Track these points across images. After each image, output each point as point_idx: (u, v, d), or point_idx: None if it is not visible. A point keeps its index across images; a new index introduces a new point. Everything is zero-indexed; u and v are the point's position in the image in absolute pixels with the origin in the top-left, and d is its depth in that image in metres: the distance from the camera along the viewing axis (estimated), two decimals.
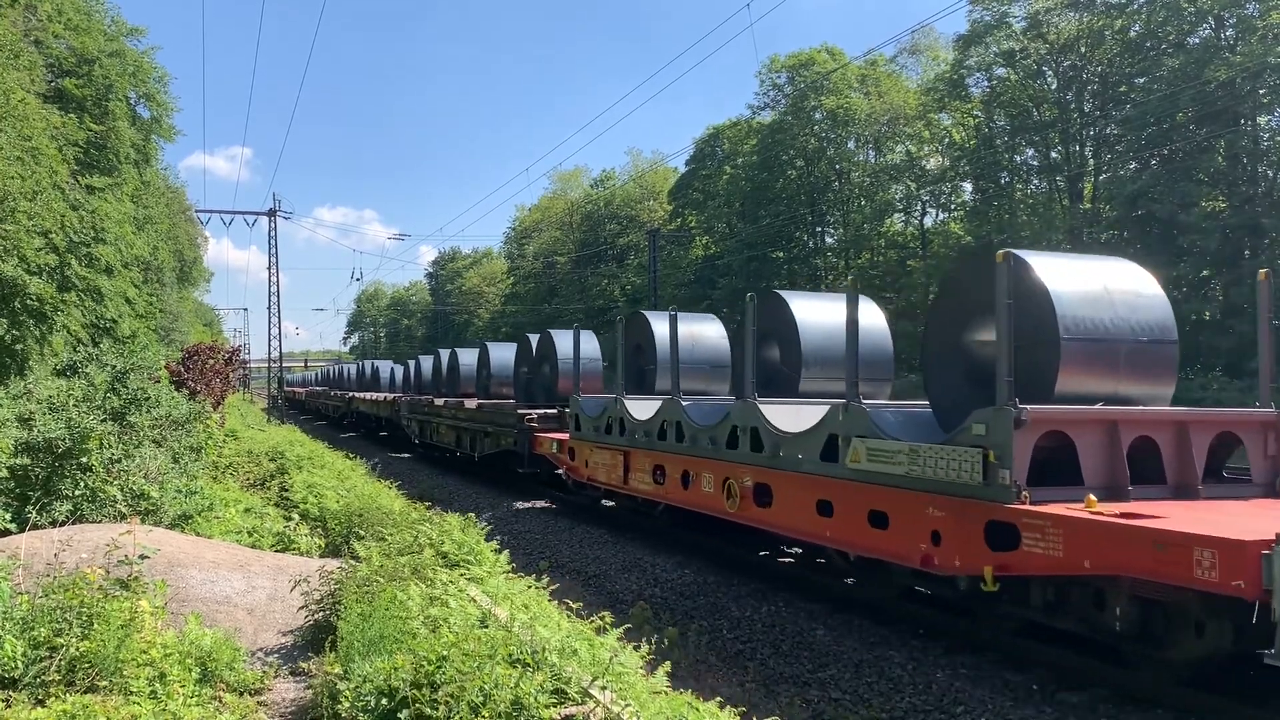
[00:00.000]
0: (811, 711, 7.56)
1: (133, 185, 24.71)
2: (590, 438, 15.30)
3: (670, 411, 12.67)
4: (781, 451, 10.04)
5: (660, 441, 12.87)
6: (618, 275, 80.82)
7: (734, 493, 10.77)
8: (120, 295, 22.15)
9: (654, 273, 54.13)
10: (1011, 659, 7.96)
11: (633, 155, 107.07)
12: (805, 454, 9.65)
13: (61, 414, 10.49)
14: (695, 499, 11.84)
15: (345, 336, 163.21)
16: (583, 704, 4.61)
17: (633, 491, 13.88)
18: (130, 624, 5.84)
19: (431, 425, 26.05)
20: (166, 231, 33.78)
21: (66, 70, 22.16)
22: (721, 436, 11.21)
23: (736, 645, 9.32)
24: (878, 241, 58.77)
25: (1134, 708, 6.84)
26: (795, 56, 63.22)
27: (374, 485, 15.84)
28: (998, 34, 47.77)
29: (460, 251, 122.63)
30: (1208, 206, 37.78)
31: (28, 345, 18.04)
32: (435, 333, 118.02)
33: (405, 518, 9.81)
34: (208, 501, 11.68)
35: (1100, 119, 45.17)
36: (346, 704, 4.97)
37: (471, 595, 6.72)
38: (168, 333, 36.29)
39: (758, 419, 10.52)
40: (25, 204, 16.50)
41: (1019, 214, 46.75)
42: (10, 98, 17.04)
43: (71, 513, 9.42)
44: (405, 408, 29.37)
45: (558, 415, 18.05)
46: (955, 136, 54.28)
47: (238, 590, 7.90)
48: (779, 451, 10.07)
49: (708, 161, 71.09)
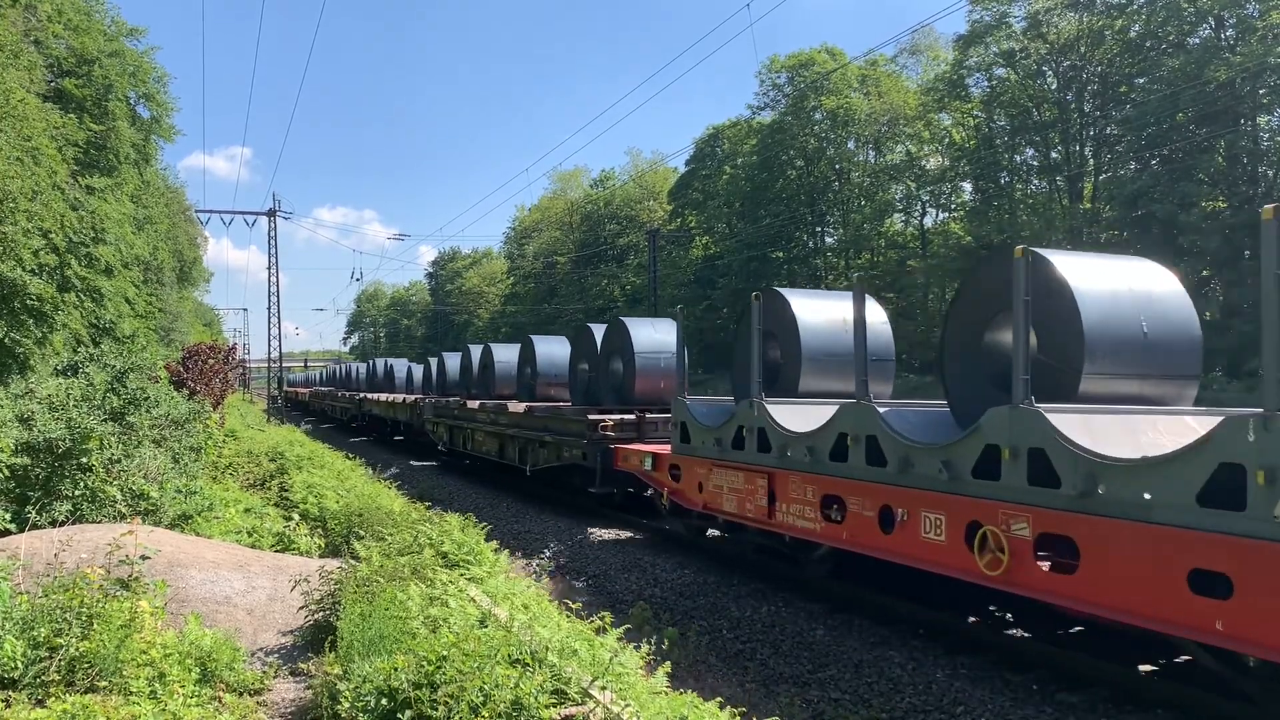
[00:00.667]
0: (811, 711, 7.57)
1: (132, 185, 24.71)
2: (708, 453, 11.87)
3: (856, 421, 9.05)
4: (1102, 488, 6.53)
5: (837, 463, 9.31)
6: (618, 275, 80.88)
7: (994, 545, 7.29)
8: (120, 295, 22.17)
9: (654, 273, 54.15)
10: (1011, 659, 7.97)
11: (633, 155, 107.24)
12: (1163, 494, 6.13)
13: (61, 414, 10.49)
14: (907, 548, 8.28)
15: (345, 336, 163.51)
16: (583, 704, 4.61)
17: (781, 528, 10.25)
18: (130, 624, 5.84)
19: (464, 431, 23.27)
20: (166, 231, 33.79)
21: (66, 70, 22.17)
22: (964, 460, 7.72)
23: (736, 645, 9.32)
24: (878, 241, 58.81)
25: (1134, 708, 6.84)
26: (795, 56, 63.30)
27: (374, 485, 15.82)
28: (998, 34, 47.81)
29: (460, 251, 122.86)
30: (1208, 206, 37.80)
31: (28, 345, 18.04)
32: (435, 333, 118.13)
33: (405, 518, 9.81)
34: (207, 501, 11.69)
35: (1100, 119, 45.19)
36: (346, 704, 4.97)
37: (471, 595, 6.72)
38: (168, 333, 36.29)
39: (1045, 434, 6.98)
40: (25, 204, 16.50)
41: (1019, 214, 46.77)
42: (10, 98, 17.05)
43: (71, 513, 9.42)
44: (429, 410, 26.56)
45: (637, 423, 15.25)
46: (955, 136, 54.32)
47: (238, 590, 7.90)
48: (1096, 487, 6.56)
49: (708, 161, 71.15)
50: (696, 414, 12.36)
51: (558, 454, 16.81)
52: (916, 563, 8.24)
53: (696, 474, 12.14)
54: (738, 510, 11.12)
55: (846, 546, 9.24)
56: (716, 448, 11.66)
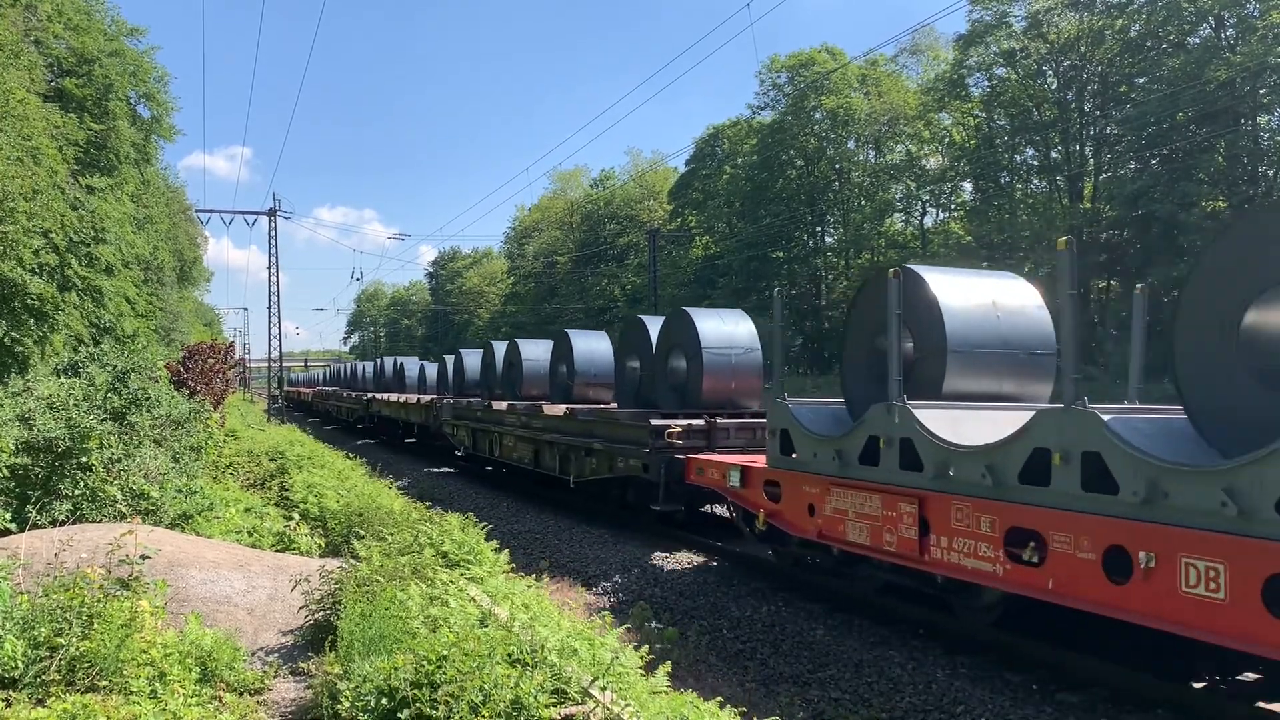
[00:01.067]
0: (811, 711, 7.57)
1: (133, 185, 24.74)
2: (823, 469, 9.59)
3: (1066, 432, 6.83)
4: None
5: (1032, 487, 7.09)
6: (618, 275, 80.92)
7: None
8: (120, 295, 22.19)
9: (654, 273, 54.16)
10: (1011, 659, 7.96)
11: (633, 155, 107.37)
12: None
13: (62, 413, 10.50)
14: (1155, 605, 6.09)
15: (345, 336, 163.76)
16: (583, 704, 4.61)
17: (939, 568, 8.00)
18: (130, 624, 5.84)
19: (490, 435, 21.36)
20: (166, 231, 33.81)
21: (66, 70, 22.19)
22: (1266, 491, 5.49)
23: (736, 645, 9.33)
24: (878, 241, 58.84)
25: (1134, 707, 6.85)
26: (795, 56, 63.34)
27: (374, 485, 15.82)
28: (998, 34, 47.84)
29: (460, 251, 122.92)
30: (1208, 206, 37.81)
31: (28, 345, 18.05)
32: (435, 332, 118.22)
33: (405, 517, 9.82)
34: (208, 501, 11.69)
35: (1100, 119, 45.21)
36: (346, 704, 4.97)
37: (471, 595, 6.73)
38: (168, 333, 36.30)
39: None
40: (25, 204, 16.52)
41: (1019, 214, 46.80)
42: (10, 98, 17.06)
43: (71, 512, 9.43)
44: (448, 412, 24.76)
45: (707, 430, 13.37)
46: (955, 136, 54.36)
47: (238, 590, 7.91)
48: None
49: (708, 161, 71.21)
50: (803, 419, 10.08)
51: (609, 464, 14.75)
52: (1173, 626, 5.99)
53: (805, 494, 9.84)
54: (870, 542, 8.79)
55: (1051, 598, 6.87)
56: (836, 462, 9.33)
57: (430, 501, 15.66)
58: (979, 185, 53.16)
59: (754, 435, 13.34)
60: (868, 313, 9.81)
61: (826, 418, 10.18)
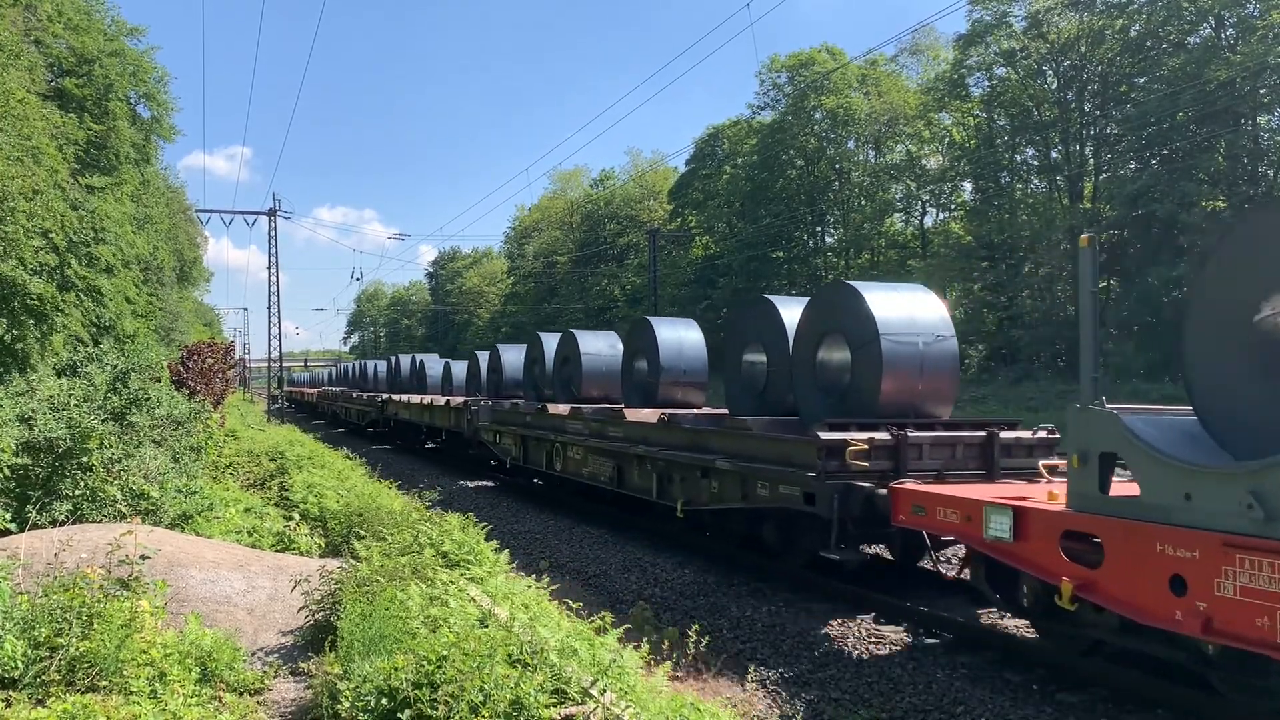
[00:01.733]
0: (811, 711, 7.57)
1: (133, 185, 24.70)
2: (1219, 523, 5.71)
3: None
4: None
5: None
6: (618, 275, 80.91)
7: None
8: (120, 295, 22.17)
9: (654, 273, 54.15)
10: (1011, 659, 7.96)
11: (633, 155, 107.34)
12: None
13: (62, 414, 10.50)
14: None
15: (345, 336, 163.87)
16: (583, 704, 4.61)
17: None
18: (130, 624, 5.85)
19: (547, 445, 17.44)
20: (166, 231, 33.77)
21: (66, 70, 22.17)
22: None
23: (736, 645, 9.32)
24: (878, 241, 58.87)
25: (1134, 707, 6.84)
26: (795, 56, 63.36)
27: (374, 485, 15.81)
28: (998, 34, 47.83)
29: (460, 251, 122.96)
30: (1208, 206, 37.80)
31: (28, 345, 18.05)
32: (435, 332, 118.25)
33: (405, 518, 9.81)
34: (208, 501, 11.70)
35: (1100, 119, 45.20)
36: (346, 704, 4.97)
37: (471, 595, 6.73)
38: (168, 333, 36.28)
39: None
40: (25, 204, 16.51)
41: (1019, 214, 46.79)
42: (10, 98, 17.05)
43: (71, 512, 9.43)
44: (486, 415, 21.33)
45: (895, 447, 9.47)
46: (955, 136, 54.36)
47: (238, 590, 7.91)
48: None
49: (708, 161, 71.22)
50: (1152, 439, 6.26)
51: (741, 490, 11.10)
52: None
53: (1165, 558, 6.00)
54: None
55: None
56: (1250, 515, 5.48)
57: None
58: (979, 185, 53.14)
59: (953, 454, 9.83)
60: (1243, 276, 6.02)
61: (1178, 436, 6.45)
